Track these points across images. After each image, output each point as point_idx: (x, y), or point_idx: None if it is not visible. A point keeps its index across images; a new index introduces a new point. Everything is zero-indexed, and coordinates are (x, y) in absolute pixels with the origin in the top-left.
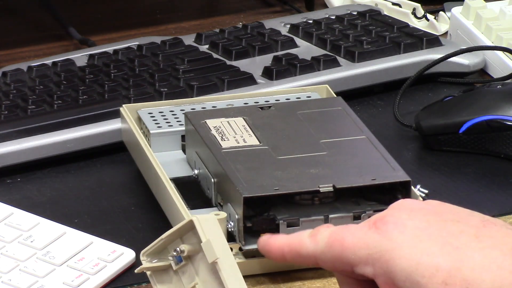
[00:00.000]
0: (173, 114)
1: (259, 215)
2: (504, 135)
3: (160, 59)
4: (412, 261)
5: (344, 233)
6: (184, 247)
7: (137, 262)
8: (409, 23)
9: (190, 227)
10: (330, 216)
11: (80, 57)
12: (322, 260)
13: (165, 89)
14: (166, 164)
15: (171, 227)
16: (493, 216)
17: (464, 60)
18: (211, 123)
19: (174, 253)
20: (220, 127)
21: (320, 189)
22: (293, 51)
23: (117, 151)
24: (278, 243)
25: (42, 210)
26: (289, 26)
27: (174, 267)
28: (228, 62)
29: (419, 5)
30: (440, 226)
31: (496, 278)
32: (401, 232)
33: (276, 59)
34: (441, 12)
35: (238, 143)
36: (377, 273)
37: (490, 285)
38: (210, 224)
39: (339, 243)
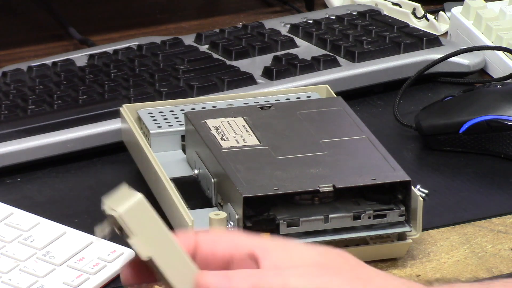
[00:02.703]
0: (173, 114)
1: (259, 215)
2: (504, 135)
3: (160, 59)
4: None
5: None
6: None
7: None
8: (409, 23)
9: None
10: (330, 216)
11: (80, 57)
12: None
13: (165, 89)
14: (166, 164)
15: (171, 226)
16: (493, 216)
17: (464, 60)
18: (211, 123)
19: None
20: (220, 127)
21: (320, 189)
22: (293, 51)
23: (117, 151)
24: None
25: (42, 210)
26: (289, 26)
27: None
28: (228, 62)
29: (419, 5)
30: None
31: None
32: None
33: (276, 59)
34: (441, 12)
35: (238, 143)
36: None
37: None
38: (138, 215)
39: None
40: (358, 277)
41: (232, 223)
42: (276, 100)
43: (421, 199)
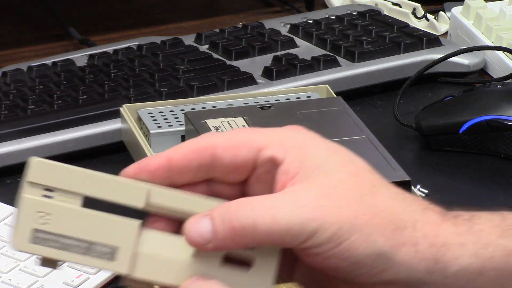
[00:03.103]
0: (173, 114)
1: None
2: (504, 135)
3: (160, 59)
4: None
5: None
6: None
7: None
8: (409, 23)
9: None
10: None
11: (80, 57)
12: None
13: (165, 89)
14: None
15: None
16: None
17: (464, 60)
18: (211, 123)
19: None
20: (220, 127)
21: None
22: (293, 51)
23: (117, 151)
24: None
25: None
26: (289, 26)
27: None
28: (228, 62)
29: (419, 5)
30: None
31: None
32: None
33: (276, 59)
34: (441, 12)
35: None
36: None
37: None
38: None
39: None
40: (364, 212)
41: None
42: (276, 100)
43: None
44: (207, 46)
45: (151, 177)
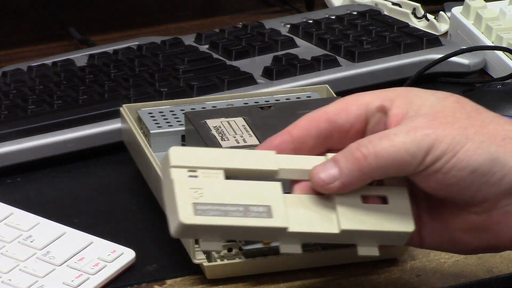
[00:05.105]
0: (173, 114)
1: None
2: None
3: (160, 59)
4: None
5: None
6: None
7: (137, 262)
8: (409, 23)
9: None
10: None
11: (80, 57)
12: None
13: (165, 89)
14: None
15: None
16: None
17: (464, 60)
18: (211, 123)
19: None
20: (220, 127)
21: None
22: (293, 51)
23: (117, 151)
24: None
25: (42, 210)
26: (289, 26)
27: None
28: (228, 62)
29: (419, 5)
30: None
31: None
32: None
33: (276, 59)
34: (441, 12)
35: (238, 143)
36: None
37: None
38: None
39: None
40: (472, 124)
41: None
42: (276, 100)
43: None
44: (207, 46)
45: (277, 151)
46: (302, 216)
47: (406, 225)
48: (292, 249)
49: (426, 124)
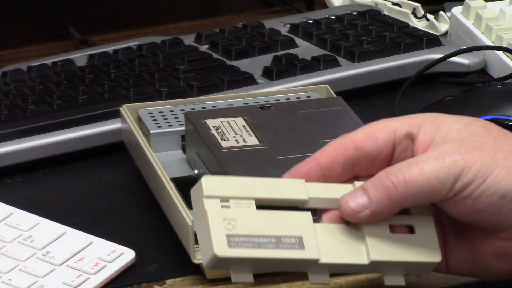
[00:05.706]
0: (173, 114)
1: None
2: None
3: (160, 59)
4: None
5: None
6: None
7: (137, 262)
8: (409, 23)
9: None
10: None
11: (80, 57)
12: None
13: (165, 89)
14: (166, 164)
15: (171, 227)
16: None
17: (464, 60)
18: (211, 123)
19: None
20: (220, 127)
21: None
22: (293, 51)
23: (117, 151)
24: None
25: (42, 210)
26: (289, 26)
27: None
28: (228, 62)
29: (419, 5)
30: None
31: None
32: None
33: (276, 59)
34: (441, 12)
35: (238, 143)
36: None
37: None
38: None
39: None
40: (500, 149)
41: None
42: (276, 100)
43: None
44: (207, 46)
45: (305, 178)
46: (332, 247)
47: (433, 255)
48: (321, 280)
49: (455, 150)
